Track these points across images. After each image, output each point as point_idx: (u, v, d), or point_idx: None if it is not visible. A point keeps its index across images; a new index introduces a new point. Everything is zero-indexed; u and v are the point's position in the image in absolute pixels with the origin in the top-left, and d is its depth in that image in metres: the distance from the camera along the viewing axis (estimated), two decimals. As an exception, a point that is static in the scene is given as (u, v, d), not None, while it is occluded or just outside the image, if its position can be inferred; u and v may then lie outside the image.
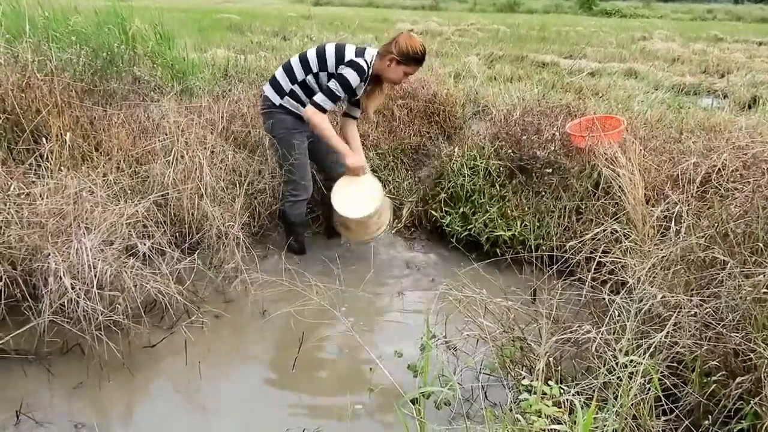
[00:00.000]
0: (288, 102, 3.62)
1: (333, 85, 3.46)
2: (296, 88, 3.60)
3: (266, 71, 5.24)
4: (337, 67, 3.49)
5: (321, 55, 3.53)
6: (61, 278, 2.56)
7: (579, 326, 2.33)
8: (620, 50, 11.74)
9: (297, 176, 3.72)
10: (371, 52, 3.56)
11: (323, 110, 3.50)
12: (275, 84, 3.66)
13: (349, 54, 3.49)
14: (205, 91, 4.57)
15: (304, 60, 3.58)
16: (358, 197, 3.65)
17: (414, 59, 3.51)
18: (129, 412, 2.53)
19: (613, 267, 2.72)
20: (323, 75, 3.54)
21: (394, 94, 4.79)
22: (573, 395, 1.89)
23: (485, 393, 2.50)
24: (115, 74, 4.34)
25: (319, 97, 3.49)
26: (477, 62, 8.61)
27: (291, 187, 3.77)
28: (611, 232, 2.95)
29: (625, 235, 2.92)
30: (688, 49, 12.06)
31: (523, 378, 2.17)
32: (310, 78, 3.58)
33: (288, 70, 3.62)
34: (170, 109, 3.86)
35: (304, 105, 3.61)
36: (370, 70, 3.53)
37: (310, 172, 3.81)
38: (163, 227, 3.20)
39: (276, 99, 3.63)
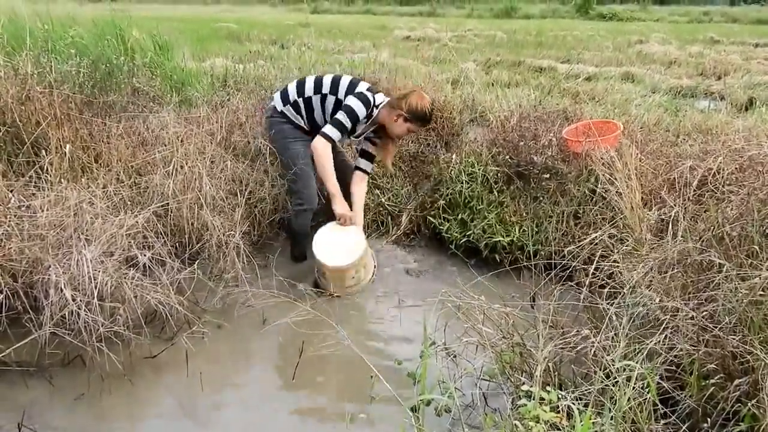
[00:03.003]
0: (288, 110, 3.70)
1: (341, 116, 3.52)
2: (300, 101, 3.68)
3: (265, 80, 5.26)
4: (346, 96, 3.56)
5: (336, 81, 3.64)
6: (61, 290, 2.58)
7: (577, 331, 2.34)
8: (617, 54, 11.77)
9: (299, 185, 3.74)
10: (381, 98, 3.65)
11: (331, 140, 3.54)
12: (283, 92, 3.75)
13: (361, 87, 3.58)
14: (204, 101, 4.59)
15: (318, 81, 3.68)
16: (338, 246, 3.59)
17: (420, 118, 3.59)
18: (130, 423, 2.55)
19: (611, 271, 2.73)
20: (331, 98, 3.62)
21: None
22: (571, 400, 1.90)
23: (485, 399, 2.51)
24: (115, 86, 4.36)
25: (327, 128, 3.54)
26: (474, 68, 8.62)
27: (295, 197, 3.80)
28: (609, 237, 2.97)
29: (622, 240, 2.94)
30: (685, 52, 12.07)
31: (522, 384, 2.18)
32: (316, 98, 3.65)
33: (300, 84, 3.72)
34: (169, 119, 3.89)
35: (302, 117, 3.71)
36: (376, 111, 3.61)
37: (314, 182, 3.80)
38: (163, 238, 3.21)
39: (279, 105, 3.72)
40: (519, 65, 10.22)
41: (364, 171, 3.88)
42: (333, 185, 3.64)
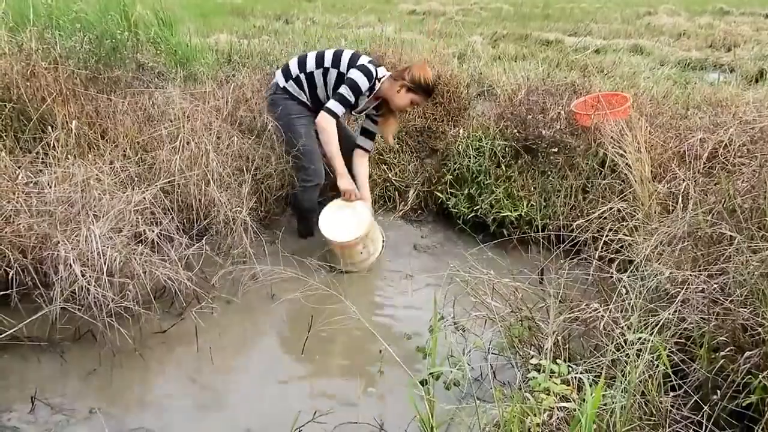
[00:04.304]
0: (291, 86, 3.67)
1: (344, 90, 3.50)
2: (302, 77, 3.66)
3: (270, 55, 5.22)
4: (348, 69, 3.53)
5: (337, 55, 3.61)
6: (71, 266, 2.58)
7: (587, 305, 2.33)
8: (625, 26, 11.61)
9: (306, 162, 3.72)
10: (384, 71, 3.63)
11: (335, 115, 3.52)
12: (285, 69, 3.73)
13: (363, 60, 3.55)
14: (209, 77, 4.55)
15: (319, 56, 3.65)
16: (344, 222, 3.57)
17: (424, 89, 3.55)
18: (142, 397, 2.57)
19: (620, 245, 2.72)
20: (333, 72, 3.58)
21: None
22: (581, 373, 1.90)
23: (494, 373, 2.52)
24: (119, 61, 4.33)
25: (331, 103, 3.52)
26: (481, 42, 8.55)
27: (302, 174, 3.77)
28: (618, 210, 2.95)
29: (631, 213, 2.92)
30: (694, 24, 11.90)
31: (532, 357, 2.18)
32: (318, 72, 3.62)
33: (301, 60, 3.69)
34: (175, 95, 3.86)
35: (305, 93, 3.69)
36: (378, 84, 3.58)
37: (320, 157, 3.79)
38: (171, 214, 3.20)
39: (281, 81, 3.70)
40: (526, 38, 10.10)
41: (365, 149, 3.86)
42: (339, 163, 3.63)
